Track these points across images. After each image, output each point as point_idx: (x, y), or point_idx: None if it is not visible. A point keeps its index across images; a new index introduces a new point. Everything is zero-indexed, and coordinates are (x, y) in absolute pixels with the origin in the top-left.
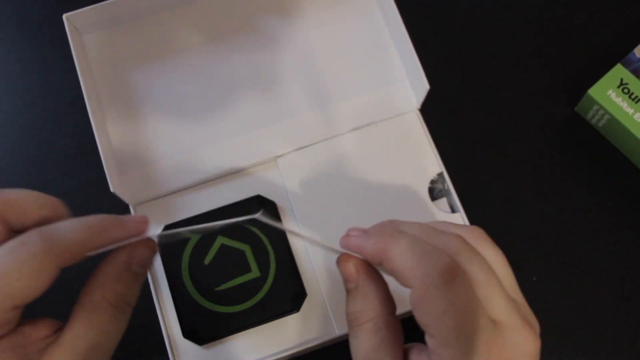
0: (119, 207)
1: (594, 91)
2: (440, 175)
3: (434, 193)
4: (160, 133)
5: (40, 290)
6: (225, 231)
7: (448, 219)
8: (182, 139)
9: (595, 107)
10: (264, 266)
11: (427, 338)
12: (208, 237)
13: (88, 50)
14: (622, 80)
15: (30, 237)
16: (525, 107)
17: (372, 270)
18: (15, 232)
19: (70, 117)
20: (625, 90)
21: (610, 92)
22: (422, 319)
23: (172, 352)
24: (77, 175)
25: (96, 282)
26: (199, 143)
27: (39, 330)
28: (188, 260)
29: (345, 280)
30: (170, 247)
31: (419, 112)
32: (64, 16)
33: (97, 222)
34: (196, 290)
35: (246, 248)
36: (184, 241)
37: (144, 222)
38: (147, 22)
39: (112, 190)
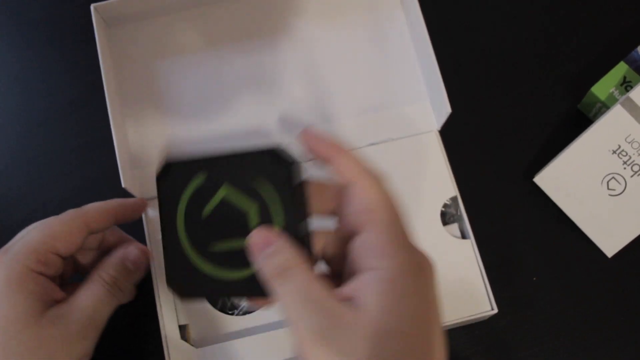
0: None
1: (596, 89)
2: (454, 199)
3: (446, 218)
4: (166, 133)
5: (74, 244)
6: (233, 179)
7: (457, 244)
8: (182, 139)
9: (598, 105)
10: None
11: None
12: (212, 183)
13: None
14: (625, 78)
15: (68, 211)
16: (527, 105)
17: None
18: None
19: (70, 117)
20: (628, 88)
21: (613, 89)
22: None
23: (170, 354)
24: (76, 175)
25: (96, 268)
26: (202, 143)
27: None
28: (185, 207)
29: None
30: (169, 189)
31: (438, 133)
32: (92, 6)
33: (110, 203)
34: (189, 243)
35: (252, 208)
36: (184, 182)
37: (143, 205)
38: (149, 23)
39: (123, 185)
